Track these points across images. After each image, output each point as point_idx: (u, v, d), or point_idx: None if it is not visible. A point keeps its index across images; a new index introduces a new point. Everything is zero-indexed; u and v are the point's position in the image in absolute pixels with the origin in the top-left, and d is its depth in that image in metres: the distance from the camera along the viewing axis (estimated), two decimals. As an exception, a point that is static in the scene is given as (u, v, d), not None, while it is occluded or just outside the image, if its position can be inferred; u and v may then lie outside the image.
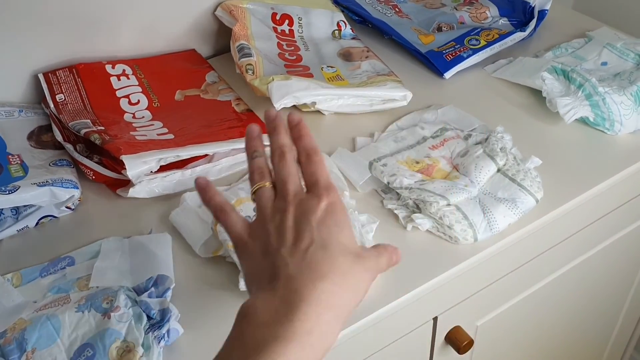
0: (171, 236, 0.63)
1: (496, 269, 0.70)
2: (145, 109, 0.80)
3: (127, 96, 0.81)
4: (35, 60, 0.82)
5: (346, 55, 0.88)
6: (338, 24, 0.94)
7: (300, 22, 0.92)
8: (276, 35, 0.90)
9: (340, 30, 0.93)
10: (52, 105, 0.76)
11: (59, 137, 0.73)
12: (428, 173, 0.69)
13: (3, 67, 0.80)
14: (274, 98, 0.74)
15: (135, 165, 0.66)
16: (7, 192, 0.63)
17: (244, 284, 0.48)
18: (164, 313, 0.53)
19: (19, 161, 0.69)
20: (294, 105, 0.78)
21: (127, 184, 0.68)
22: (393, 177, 0.67)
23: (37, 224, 0.67)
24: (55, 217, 0.68)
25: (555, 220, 0.68)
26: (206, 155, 0.72)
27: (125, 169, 0.66)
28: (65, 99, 0.77)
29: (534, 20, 0.93)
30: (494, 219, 0.64)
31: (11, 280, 0.60)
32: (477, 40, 0.89)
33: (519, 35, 0.90)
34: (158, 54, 0.91)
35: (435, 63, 0.87)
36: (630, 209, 0.83)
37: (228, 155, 0.72)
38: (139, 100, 0.81)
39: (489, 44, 0.89)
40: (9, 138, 0.74)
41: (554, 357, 1.01)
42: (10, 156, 0.70)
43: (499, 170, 0.69)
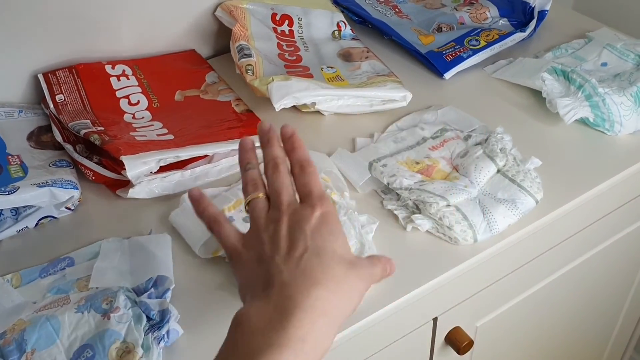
0: (171, 237, 0.63)
1: (496, 269, 0.70)
2: (145, 110, 0.80)
3: (127, 96, 0.81)
4: (35, 61, 0.82)
5: (346, 56, 0.88)
6: (338, 25, 0.94)
7: (300, 23, 0.92)
8: (276, 36, 0.90)
9: (340, 30, 0.93)
10: (52, 106, 0.76)
11: (58, 138, 0.73)
12: (428, 174, 0.69)
13: (3, 68, 0.80)
14: (274, 98, 0.74)
15: (135, 166, 0.66)
16: (7, 193, 0.63)
17: (238, 294, 0.48)
18: (164, 314, 0.53)
19: (19, 162, 0.69)
20: (294, 106, 0.78)
21: (127, 184, 0.68)
22: (393, 178, 0.67)
23: (37, 224, 0.67)
24: (54, 218, 0.68)
25: (555, 221, 0.68)
26: (206, 155, 0.72)
27: (124, 169, 0.66)
28: (65, 100, 0.77)
29: (534, 21, 0.93)
30: (494, 220, 0.64)
31: (11, 280, 0.60)
32: (477, 40, 0.89)
33: (519, 36, 0.90)
34: (158, 55, 0.91)
35: (435, 63, 0.87)
36: (630, 210, 0.83)
37: (228, 156, 0.72)
38: (138, 101, 0.81)
39: (489, 44, 0.89)
40: (9, 138, 0.73)
41: (554, 358, 1.01)
42: (10, 157, 0.70)
43: (498, 171, 0.69)
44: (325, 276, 0.43)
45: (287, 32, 0.91)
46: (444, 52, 0.88)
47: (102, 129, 0.72)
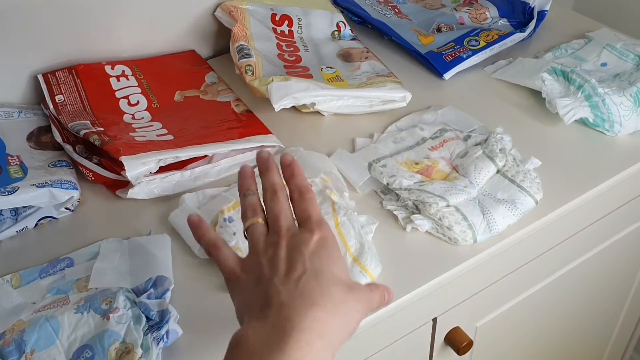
0: (170, 237, 0.63)
1: (496, 270, 0.70)
2: (145, 110, 0.80)
3: (127, 97, 0.81)
4: (34, 61, 0.82)
5: (346, 56, 0.88)
6: (337, 25, 0.94)
7: (299, 23, 0.92)
8: (275, 36, 0.90)
9: (340, 31, 0.93)
10: (52, 106, 0.76)
11: (58, 138, 0.73)
12: (427, 174, 0.69)
13: (2, 68, 0.80)
14: (273, 99, 0.74)
15: (135, 166, 0.66)
16: (7, 193, 0.63)
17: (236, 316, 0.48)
18: (163, 314, 0.53)
19: (18, 162, 0.69)
20: (294, 106, 0.78)
21: (127, 185, 0.68)
22: (392, 178, 0.67)
23: (36, 225, 0.67)
24: (54, 218, 0.68)
25: (554, 222, 0.68)
26: (205, 156, 0.72)
27: (124, 170, 0.66)
28: (64, 100, 0.77)
29: (534, 21, 0.93)
30: (494, 220, 0.64)
31: (10, 281, 0.60)
32: (477, 41, 0.89)
33: (519, 36, 0.90)
34: (157, 55, 0.91)
35: (434, 64, 0.87)
36: (630, 210, 0.83)
37: (227, 156, 0.72)
38: (138, 101, 0.81)
39: (489, 44, 0.89)
40: (8, 139, 0.74)
41: (554, 358, 1.01)
42: (9, 157, 0.70)
43: (498, 171, 0.69)
44: (323, 298, 0.43)
45: (287, 33, 0.91)
46: (443, 53, 0.88)
47: (102, 129, 0.72)
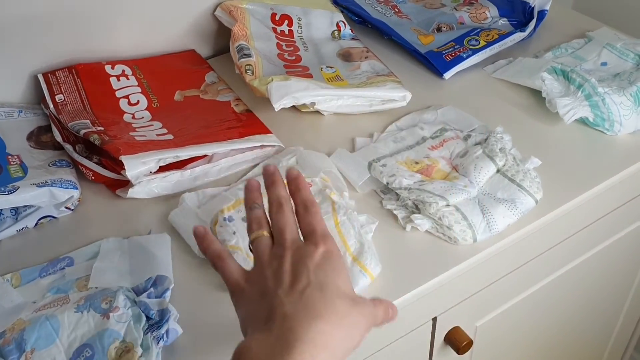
0: (170, 237, 0.63)
1: (495, 269, 0.70)
2: (145, 110, 0.80)
3: (127, 96, 0.81)
4: (34, 61, 0.82)
5: (346, 56, 0.88)
6: (337, 25, 0.94)
7: (299, 23, 0.92)
8: (275, 36, 0.90)
9: (340, 30, 0.93)
10: (52, 106, 0.76)
11: (58, 138, 0.74)
12: (427, 173, 0.69)
13: (3, 68, 0.80)
14: (273, 98, 0.74)
15: (135, 166, 0.66)
16: (7, 193, 0.63)
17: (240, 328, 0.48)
18: (163, 313, 0.53)
19: (19, 161, 0.70)
20: (294, 106, 0.78)
21: (127, 184, 0.69)
22: (392, 178, 0.67)
23: (37, 224, 0.67)
24: (54, 218, 0.68)
25: (554, 221, 0.68)
26: (205, 155, 0.72)
27: (124, 169, 0.66)
28: (64, 100, 0.77)
29: (534, 21, 0.93)
30: (493, 220, 0.64)
31: (10, 280, 0.60)
32: (477, 40, 0.89)
33: (519, 36, 0.90)
34: (157, 55, 0.91)
35: (434, 63, 0.87)
36: (630, 210, 0.83)
37: (227, 156, 0.72)
38: (138, 101, 0.81)
39: (489, 44, 0.89)
40: (9, 138, 0.74)
41: (554, 358, 1.01)
42: (9, 156, 0.70)
43: (498, 170, 0.69)
44: (327, 310, 0.43)
45: (287, 32, 0.91)
46: (443, 52, 0.88)
47: (102, 129, 0.73)
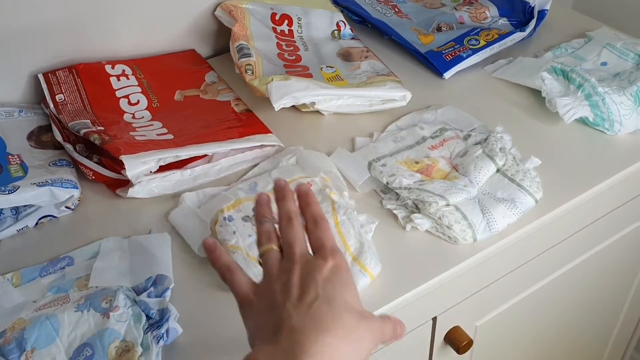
0: (170, 236, 0.63)
1: (495, 269, 0.70)
2: (145, 109, 0.80)
3: (127, 96, 0.81)
4: (35, 61, 0.82)
5: (345, 56, 0.88)
6: (337, 24, 0.94)
7: (299, 22, 0.93)
8: (275, 36, 0.90)
9: (340, 30, 0.93)
10: (52, 106, 0.76)
11: (58, 137, 0.74)
12: (427, 173, 0.69)
13: (3, 67, 0.80)
14: (273, 98, 0.74)
15: (135, 166, 0.66)
16: (7, 192, 0.63)
17: (248, 341, 0.48)
18: (163, 313, 0.53)
19: (19, 161, 0.70)
20: (293, 105, 0.78)
21: (127, 184, 0.69)
22: (392, 177, 0.67)
23: (37, 223, 0.67)
24: (54, 217, 0.68)
25: (554, 221, 0.68)
26: (205, 155, 0.72)
27: (124, 169, 0.66)
28: (65, 99, 0.77)
29: (534, 20, 0.93)
30: (493, 219, 0.64)
31: (11, 279, 0.60)
32: (477, 40, 0.89)
33: (519, 36, 0.90)
34: (157, 54, 0.91)
35: (434, 63, 0.87)
36: (630, 210, 0.83)
37: (227, 156, 0.72)
38: (138, 101, 0.81)
39: (489, 44, 0.89)
40: (9, 138, 0.74)
41: (554, 357, 1.01)
42: (10, 156, 0.70)
43: (498, 170, 0.69)
44: (334, 324, 0.43)
45: (287, 32, 0.91)
46: (443, 52, 0.88)
47: (102, 128, 0.73)
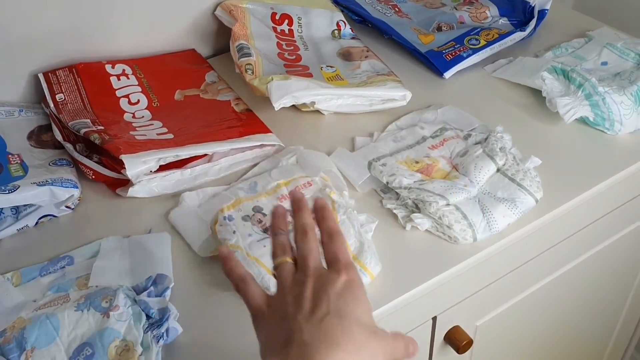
0: (170, 236, 0.63)
1: (495, 268, 0.70)
2: (145, 109, 0.80)
3: (127, 96, 0.81)
4: (35, 60, 0.82)
5: (346, 55, 0.88)
6: (337, 24, 0.94)
7: (299, 22, 0.93)
8: (276, 35, 0.90)
9: (340, 30, 0.93)
10: (52, 105, 0.76)
11: (58, 137, 0.74)
12: (427, 173, 0.69)
13: (3, 67, 0.80)
14: (273, 98, 0.74)
15: (135, 165, 0.66)
16: (7, 192, 0.63)
17: (259, 352, 0.48)
18: (163, 312, 0.53)
19: (19, 161, 0.70)
20: (294, 105, 0.78)
21: (127, 183, 0.69)
22: (392, 177, 0.67)
23: (37, 223, 0.67)
24: (54, 217, 0.68)
25: (554, 220, 0.68)
26: (205, 155, 0.72)
27: (124, 168, 0.66)
28: (65, 99, 0.77)
29: (534, 20, 0.93)
30: (494, 219, 0.64)
31: (11, 279, 0.60)
32: (477, 40, 0.89)
33: (519, 35, 0.90)
34: (158, 54, 0.91)
35: (435, 63, 0.87)
36: (630, 209, 0.83)
37: (227, 155, 0.72)
38: (138, 100, 0.81)
39: (489, 43, 0.89)
40: (9, 137, 0.74)
41: (554, 357, 1.01)
42: (10, 156, 0.70)
43: (498, 170, 0.69)
44: (345, 339, 0.43)
45: (287, 32, 0.91)
46: (443, 52, 0.88)
47: (102, 128, 0.73)
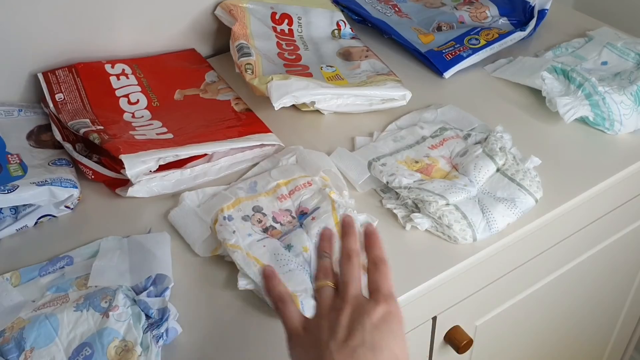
0: (170, 235, 0.63)
1: (495, 268, 0.70)
2: (145, 109, 0.80)
3: (127, 95, 0.81)
4: (34, 60, 0.82)
5: (346, 55, 0.88)
6: (337, 24, 0.94)
7: (299, 22, 0.92)
8: (275, 35, 0.90)
9: (340, 29, 0.93)
10: (52, 105, 0.76)
11: (58, 137, 0.73)
12: (427, 172, 0.69)
13: (3, 67, 0.80)
14: (273, 97, 0.74)
15: (135, 165, 0.66)
16: (6, 192, 0.63)
17: None
18: (163, 312, 0.53)
19: (18, 160, 0.70)
20: (293, 105, 0.78)
21: (126, 183, 0.69)
22: (392, 177, 0.67)
23: (36, 223, 0.67)
24: (54, 217, 0.68)
25: (554, 220, 0.68)
26: (205, 154, 0.72)
27: (124, 168, 0.66)
28: (64, 99, 0.77)
29: (534, 20, 0.93)
30: (493, 219, 0.64)
31: (10, 279, 0.60)
32: (477, 39, 0.89)
33: (519, 35, 0.90)
34: (157, 54, 0.91)
35: (434, 62, 0.87)
36: (630, 209, 0.83)
37: (227, 155, 0.72)
38: (138, 100, 0.81)
39: (489, 43, 0.89)
40: (8, 137, 0.74)
41: (554, 357, 1.01)
42: (9, 155, 0.70)
43: (498, 169, 0.68)
44: None
45: (287, 31, 0.91)
46: (443, 51, 0.88)
47: (102, 127, 0.73)
